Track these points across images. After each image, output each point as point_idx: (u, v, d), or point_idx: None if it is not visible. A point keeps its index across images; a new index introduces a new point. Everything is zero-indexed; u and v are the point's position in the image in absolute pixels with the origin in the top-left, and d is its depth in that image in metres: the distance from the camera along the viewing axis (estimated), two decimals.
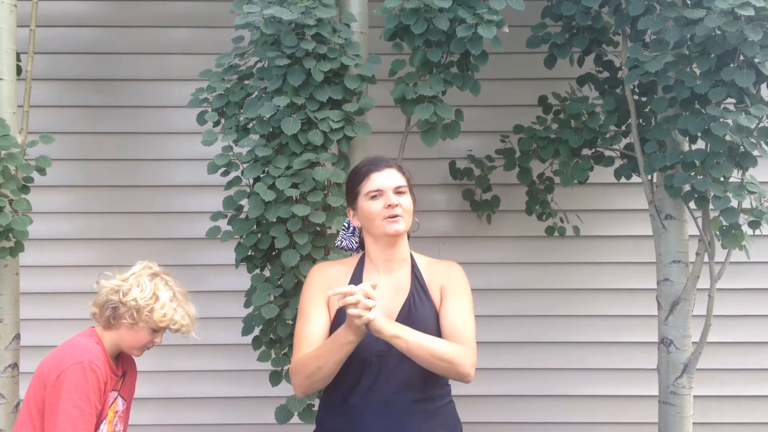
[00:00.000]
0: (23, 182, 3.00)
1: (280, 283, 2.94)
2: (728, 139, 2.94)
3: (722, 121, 2.88)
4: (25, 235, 2.96)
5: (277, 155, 2.91)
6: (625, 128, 3.41)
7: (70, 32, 3.97)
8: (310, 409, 2.92)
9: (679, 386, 3.19)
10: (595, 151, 3.48)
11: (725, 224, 3.01)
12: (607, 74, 3.47)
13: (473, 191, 3.83)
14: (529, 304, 3.97)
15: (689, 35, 2.94)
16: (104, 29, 3.98)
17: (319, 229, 2.94)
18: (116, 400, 2.32)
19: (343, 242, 2.37)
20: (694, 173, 3.03)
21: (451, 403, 2.29)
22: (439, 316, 2.21)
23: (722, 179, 2.98)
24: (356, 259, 2.32)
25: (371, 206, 2.20)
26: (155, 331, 2.29)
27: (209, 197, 3.58)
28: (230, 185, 3.06)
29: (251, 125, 3.02)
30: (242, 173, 2.96)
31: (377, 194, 2.19)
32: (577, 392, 3.96)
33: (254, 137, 3.00)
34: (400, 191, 2.21)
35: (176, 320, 2.29)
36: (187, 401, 3.93)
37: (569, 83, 3.56)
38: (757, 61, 2.87)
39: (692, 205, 3.15)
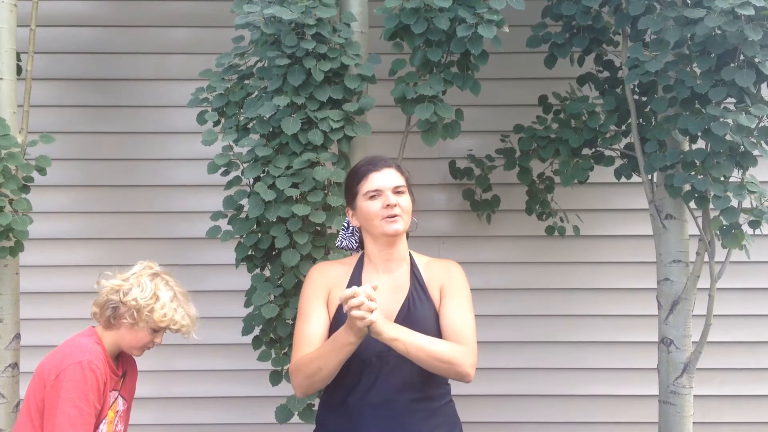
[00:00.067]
0: (23, 182, 3.00)
1: (280, 282, 2.94)
2: (728, 138, 2.94)
3: (722, 120, 2.88)
4: (25, 234, 2.96)
5: (277, 155, 2.91)
6: (625, 128, 3.41)
7: (70, 32, 3.97)
8: (310, 408, 2.92)
9: (679, 386, 3.19)
10: (595, 150, 3.48)
11: (725, 224, 3.01)
12: (607, 74, 3.47)
13: (473, 191, 3.83)
14: (529, 303, 3.97)
15: (689, 35, 2.94)
16: (104, 29, 3.98)
17: (319, 228, 2.94)
18: (117, 399, 2.32)
19: (342, 242, 2.37)
20: (694, 173, 3.03)
21: (450, 402, 2.29)
22: (438, 315, 2.21)
23: (722, 179, 2.98)
24: (355, 258, 2.32)
25: (370, 206, 2.20)
26: (155, 331, 2.30)
27: (209, 197, 3.58)
28: (230, 185, 3.06)
29: (251, 125, 3.02)
30: (242, 173, 2.96)
31: (376, 194, 2.19)
32: (577, 392, 3.96)
33: (254, 137, 3.00)
34: (398, 191, 2.21)
35: (176, 320, 2.29)
36: (187, 401, 3.93)
37: (569, 83, 3.55)
38: (757, 60, 2.87)
39: (692, 204, 3.15)
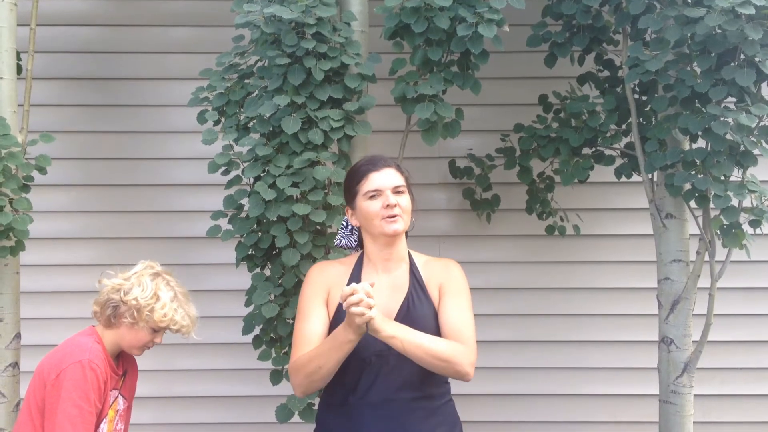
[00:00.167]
0: (24, 181, 3.00)
1: (280, 282, 2.94)
2: (729, 137, 2.93)
3: (723, 119, 2.88)
4: (25, 234, 2.96)
5: (277, 154, 2.91)
6: (625, 127, 3.41)
7: (70, 31, 3.96)
8: (310, 408, 2.92)
9: (679, 385, 3.19)
10: (595, 150, 3.48)
11: (726, 223, 3.01)
12: (607, 73, 3.47)
13: (473, 190, 3.83)
14: (529, 303, 3.96)
15: (690, 34, 2.93)
16: (104, 28, 3.98)
17: (319, 228, 2.94)
18: (117, 399, 2.32)
19: (341, 241, 2.37)
20: (694, 172, 3.03)
21: (450, 401, 2.29)
22: (437, 314, 2.21)
23: (723, 178, 2.97)
24: (355, 258, 2.32)
25: (370, 206, 2.19)
26: (155, 330, 2.30)
27: (210, 196, 3.57)
28: (231, 184, 3.06)
29: (251, 124, 3.02)
30: (243, 172, 2.96)
31: (376, 194, 2.19)
32: (577, 391, 3.96)
33: (255, 136, 3.00)
34: (398, 191, 2.21)
35: (176, 320, 2.29)
36: (187, 400, 3.93)
37: (570, 82, 3.55)
38: (757, 59, 2.87)
39: (693, 204, 3.15)
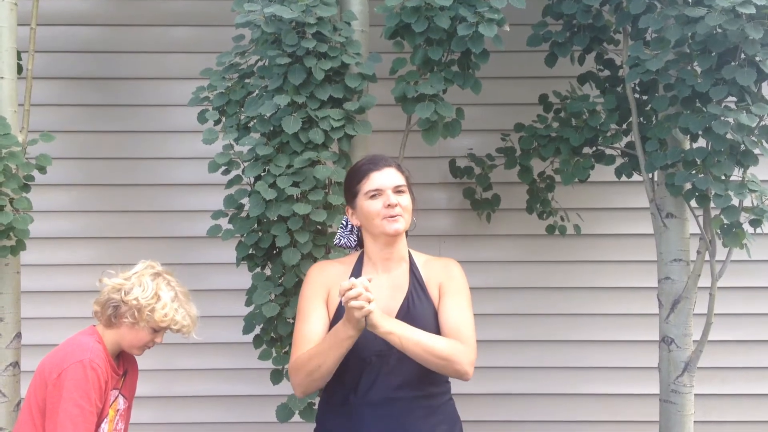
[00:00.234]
0: (24, 181, 2.99)
1: (281, 281, 2.94)
2: (729, 137, 2.93)
3: (723, 119, 2.88)
4: (26, 233, 2.96)
5: (277, 154, 2.91)
6: (626, 127, 3.41)
7: (70, 31, 3.96)
8: (311, 407, 2.92)
9: (680, 384, 3.19)
10: (596, 149, 3.48)
11: (726, 223, 3.01)
12: (608, 73, 3.47)
13: (474, 190, 3.82)
14: (529, 302, 3.96)
15: (690, 33, 2.93)
16: (105, 28, 3.98)
17: (320, 227, 2.94)
18: (117, 398, 2.32)
19: (341, 240, 2.37)
20: (695, 172, 3.03)
21: (450, 400, 2.29)
22: (437, 314, 2.21)
23: (723, 178, 2.97)
24: (355, 257, 2.32)
25: (370, 205, 2.19)
26: (156, 330, 2.30)
27: (210, 196, 3.57)
28: (231, 184, 3.06)
29: (252, 124, 3.02)
30: (243, 172, 2.96)
31: (376, 193, 2.19)
32: (577, 391, 3.96)
33: (255, 136, 3.00)
34: (399, 190, 2.21)
35: (177, 321, 2.29)
36: (188, 400, 3.93)
37: (570, 82, 3.55)
38: (758, 59, 2.86)
39: (693, 203, 3.15)
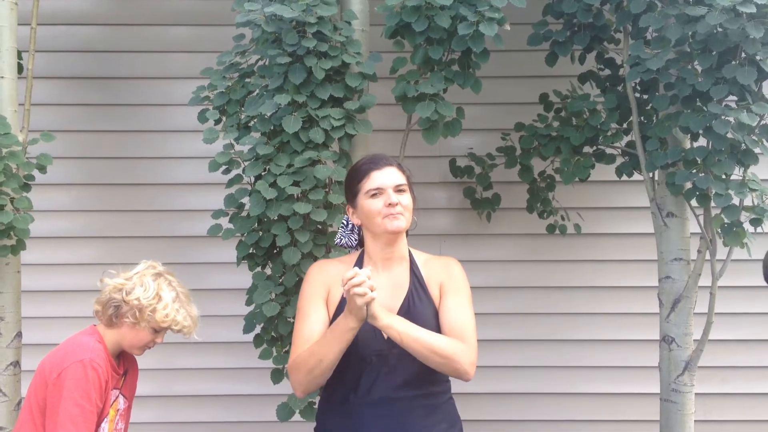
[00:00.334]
0: (24, 180, 2.99)
1: (281, 281, 2.94)
2: (730, 136, 2.93)
3: (724, 118, 2.88)
4: (26, 233, 2.96)
5: (278, 153, 2.91)
6: (626, 126, 3.41)
7: (70, 30, 3.96)
8: (311, 407, 2.92)
9: (680, 384, 3.19)
10: (596, 148, 3.48)
11: (727, 222, 3.01)
12: (608, 72, 3.47)
13: (474, 189, 3.82)
14: (529, 301, 3.96)
15: (691, 32, 2.93)
16: (105, 27, 3.98)
17: (320, 227, 2.94)
18: (117, 398, 2.32)
19: (342, 239, 2.37)
20: (695, 171, 3.03)
21: (450, 399, 2.29)
22: (438, 313, 2.21)
23: (724, 177, 2.97)
24: (355, 256, 2.32)
25: (371, 204, 2.20)
26: (157, 331, 2.30)
27: (210, 195, 3.57)
28: (231, 183, 3.06)
29: (252, 123, 3.02)
30: (243, 171, 2.96)
31: (377, 192, 2.19)
32: (578, 390, 3.96)
33: (255, 135, 3.00)
34: (400, 189, 2.21)
35: (178, 321, 2.29)
36: (188, 399, 3.93)
37: (570, 81, 3.55)
38: (758, 58, 2.86)
39: (694, 202, 3.15)
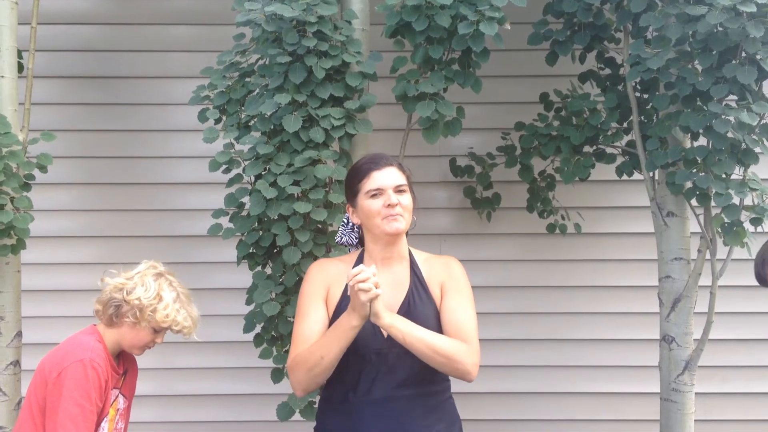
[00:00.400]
0: (25, 180, 2.99)
1: (281, 280, 2.94)
2: (730, 136, 2.93)
3: (724, 118, 2.88)
4: (26, 232, 2.96)
5: (278, 152, 2.91)
6: (626, 125, 3.41)
7: (71, 29, 3.96)
8: (311, 406, 2.92)
9: (680, 383, 3.19)
10: (596, 148, 3.48)
11: (727, 221, 3.01)
12: (608, 71, 3.47)
13: (474, 188, 3.82)
14: (529, 301, 3.96)
15: (691, 32, 2.93)
16: (105, 26, 3.98)
17: (320, 226, 2.94)
18: (117, 397, 2.32)
19: (342, 238, 2.38)
20: (695, 170, 3.03)
21: (450, 398, 2.29)
22: (439, 312, 2.21)
23: (724, 176, 2.97)
24: (355, 255, 2.32)
25: (371, 205, 2.20)
26: (157, 331, 2.30)
27: (211, 194, 3.57)
28: (232, 182, 3.06)
29: (253, 122, 3.02)
30: (244, 170, 2.96)
31: (378, 193, 2.19)
32: (578, 389, 3.96)
33: (256, 134, 3.00)
34: (400, 190, 2.21)
35: (178, 321, 2.29)
36: (188, 398, 3.93)
37: (571, 80, 3.55)
38: (759, 57, 2.86)
39: (694, 202, 3.15)
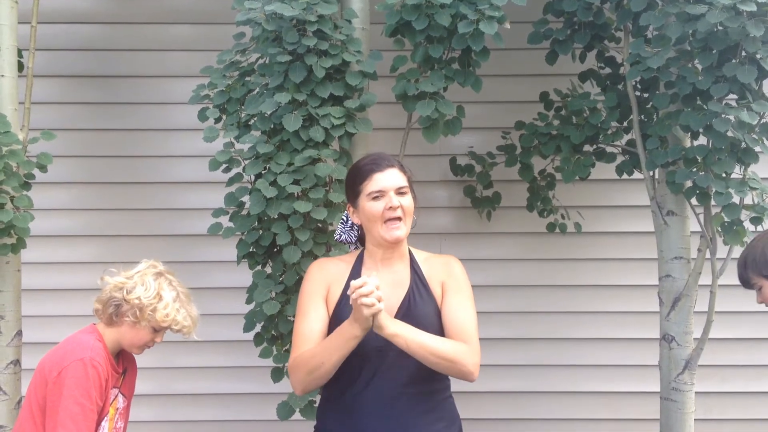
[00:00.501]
0: (25, 179, 2.99)
1: (281, 279, 2.94)
2: (730, 135, 2.93)
3: (724, 117, 2.88)
4: (26, 231, 2.95)
5: (278, 152, 2.91)
6: (626, 124, 3.41)
7: (71, 29, 3.96)
8: (311, 405, 2.92)
9: (680, 382, 3.19)
10: (596, 147, 3.48)
11: (727, 220, 3.01)
12: (608, 70, 3.47)
13: (474, 187, 3.82)
14: (529, 300, 3.96)
15: (691, 31, 2.93)
16: (105, 26, 3.98)
17: (320, 225, 2.94)
18: (117, 397, 2.32)
19: (341, 236, 2.37)
20: (695, 169, 3.03)
21: (450, 398, 2.29)
22: (440, 311, 2.21)
23: (724, 175, 2.97)
24: (355, 255, 2.32)
25: (373, 207, 2.19)
26: (156, 330, 2.29)
27: (211, 194, 3.56)
28: (232, 182, 3.06)
29: (252, 122, 3.02)
30: (244, 170, 2.96)
31: (379, 195, 2.19)
32: (578, 388, 3.96)
33: (256, 134, 3.00)
34: (401, 191, 2.21)
35: (178, 321, 2.28)
36: (188, 398, 3.93)
37: (571, 79, 3.55)
38: (759, 56, 2.86)
39: (694, 201, 3.15)
